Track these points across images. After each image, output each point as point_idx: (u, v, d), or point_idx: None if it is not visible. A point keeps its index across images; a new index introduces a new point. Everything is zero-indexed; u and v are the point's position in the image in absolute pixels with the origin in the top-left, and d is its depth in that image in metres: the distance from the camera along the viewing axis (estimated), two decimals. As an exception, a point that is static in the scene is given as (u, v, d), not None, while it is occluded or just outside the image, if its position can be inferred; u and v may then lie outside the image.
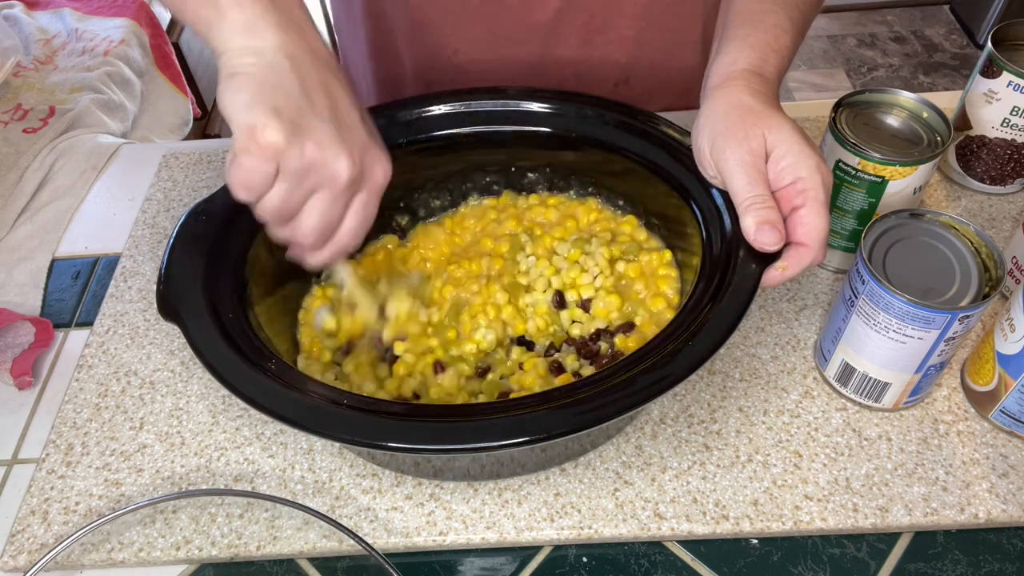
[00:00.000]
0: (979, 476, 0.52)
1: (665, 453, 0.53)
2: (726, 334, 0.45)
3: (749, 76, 0.51)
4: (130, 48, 1.37)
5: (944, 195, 0.70)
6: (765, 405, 0.56)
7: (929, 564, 0.50)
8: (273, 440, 0.56)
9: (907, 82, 2.33)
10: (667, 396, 0.54)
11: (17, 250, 0.73)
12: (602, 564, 0.50)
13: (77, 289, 0.69)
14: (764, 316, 0.61)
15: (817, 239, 0.47)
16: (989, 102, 0.64)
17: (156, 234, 0.71)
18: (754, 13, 0.55)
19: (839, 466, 0.52)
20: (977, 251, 0.50)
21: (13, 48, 1.19)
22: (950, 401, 0.56)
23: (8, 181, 0.80)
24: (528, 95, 0.61)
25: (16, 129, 0.90)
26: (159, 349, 0.62)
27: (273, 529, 0.51)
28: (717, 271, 0.49)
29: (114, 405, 0.59)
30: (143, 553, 0.51)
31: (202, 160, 0.78)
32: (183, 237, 0.53)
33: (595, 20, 0.73)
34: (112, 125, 1.13)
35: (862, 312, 0.50)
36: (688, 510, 0.51)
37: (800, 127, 0.49)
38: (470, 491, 0.52)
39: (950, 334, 0.48)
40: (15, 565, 0.51)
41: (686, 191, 0.55)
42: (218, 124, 1.75)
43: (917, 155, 0.55)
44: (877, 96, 0.59)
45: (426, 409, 0.46)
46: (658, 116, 0.59)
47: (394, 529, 0.51)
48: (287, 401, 0.44)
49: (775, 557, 0.50)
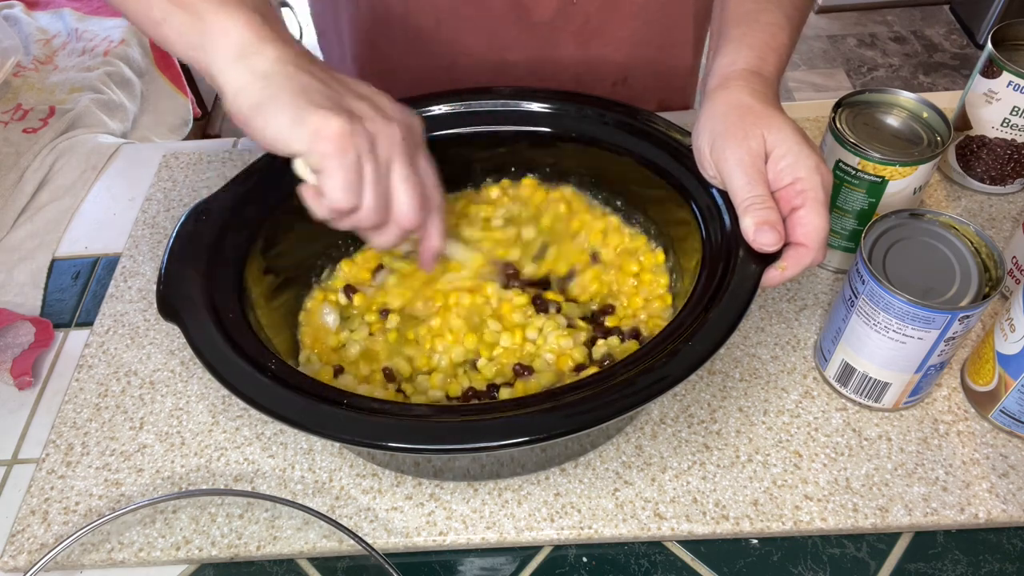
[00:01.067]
0: (979, 476, 0.52)
1: (665, 453, 0.53)
2: (726, 334, 0.45)
3: (748, 76, 0.51)
4: (130, 48, 1.38)
5: (944, 195, 0.70)
6: (765, 405, 0.56)
7: (929, 564, 0.50)
8: (273, 440, 0.56)
9: (907, 82, 2.33)
10: (667, 396, 0.54)
11: (17, 250, 0.73)
12: (602, 564, 0.50)
13: (77, 289, 0.69)
14: (764, 316, 0.61)
15: (817, 239, 0.47)
16: (989, 102, 0.64)
17: (156, 234, 0.71)
18: (750, 12, 0.55)
19: (839, 466, 0.53)
20: (977, 251, 0.50)
21: (13, 48, 1.19)
22: (950, 401, 0.56)
23: (8, 181, 0.80)
24: (528, 95, 0.61)
25: (16, 129, 0.90)
26: (159, 349, 0.62)
27: (273, 529, 0.51)
28: (717, 271, 0.49)
29: (114, 405, 0.59)
30: (143, 553, 0.51)
31: (202, 160, 0.78)
32: (183, 237, 0.53)
33: (591, 23, 0.73)
34: (112, 125, 1.13)
35: (862, 312, 0.50)
36: (688, 510, 0.51)
37: (800, 127, 0.49)
38: (470, 491, 0.52)
39: (950, 334, 0.48)
40: (15, 565, 0.51)
41: (686, 191, 0.55)
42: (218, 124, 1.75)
43: (917, 155, 0.55)
44: (877, 96, 0.59)
45: (426, 409, 0.46)
46: (658, 116, 0.59)
47: (394, 529, 0.51)
48: (287, 401, 0.44)
49: (775, 557, 0.50)
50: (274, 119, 0.42)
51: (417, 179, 0.46)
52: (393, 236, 0.47)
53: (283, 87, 0.42)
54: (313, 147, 0.42)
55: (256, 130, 0.42)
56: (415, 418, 0.44)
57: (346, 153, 0.42)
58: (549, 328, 0.55)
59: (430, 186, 0.48)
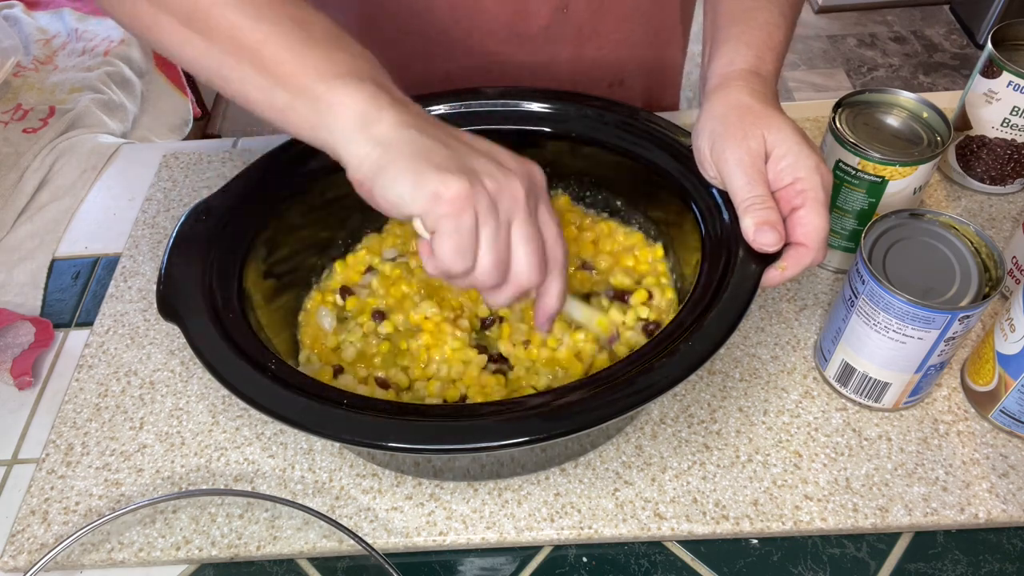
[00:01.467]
0: (979, 476, 0.52)
1: (665, 453, 0.53)
2: (726, 334, 0.45)
3: (747, 76, 0.51)
4: (130, 48, 1.37)
5: (944, 195, 0.70)
6: (765, 405, 0.56)
7: (929, 564, 0.50)
8: (273, 440, 0.56)
9: (907, 82, 2.33)
10: (667, 396, 0.54)
11: (17, 250, 0.73)
12: (602, 564, 0.50)
13: (77, 289, 0.69)
14: (764, 316, 0.61)
15: (817, 239, 0.47)
16: (989, 102, 0.64)
17: (156, 234, 0.71)
18: (746, 11, 0.55)
19: (839, 466, 0.53)
20: (977, 251, 0.50)
21: (13, 48, 1.19)
22: (950, 401, 0.56)
23: (8, 181, 0.80)
24: (527, 95, 0.61)
25: (16, 129, 0.90)
26: (159, 349, 0.62)
27: (273, 529, 0.51)
28: (716, 271, 0.49)
29: (114, 405, 0.59)
30: (143, 553, 0.51)
31: (202, 160, 0.78)
32: (183, 237, 0.53)
33: (585, 28, 0.73)
34: (112, 125, 1.13)
35: (862, 312, 0.50)
36: (688, 510, 0.51)
37: (799, 127, 0.49)
38: (470, 491, 0.52)
39: (950, 334, 0.48)
40: (15, 565, 0.51)
41: (685, 191, 0.55)
42: (218, 124, 1.75)
43: (917, 155, 0.55)
44: (877, 96, 0.59)
45: (426, 409, 0.46)
46: (658, 116, 0.59)
47: (394, 529, 0.51)
48: (287, 401, 0.44)
49: (775, 557, 0.50)
50: (395, 184, 0.41)
51: (538, 237, 0.44)
52: (509, 296, 0.45)
53: (403, 152, 0.41)
54: (431, 209, 0.41)
55: (379, 196, 0.42)
56: (415, 418, 0.44)
57: (461, 216, 0.41)
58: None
59: (551, 241, 0.45)
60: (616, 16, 0.73)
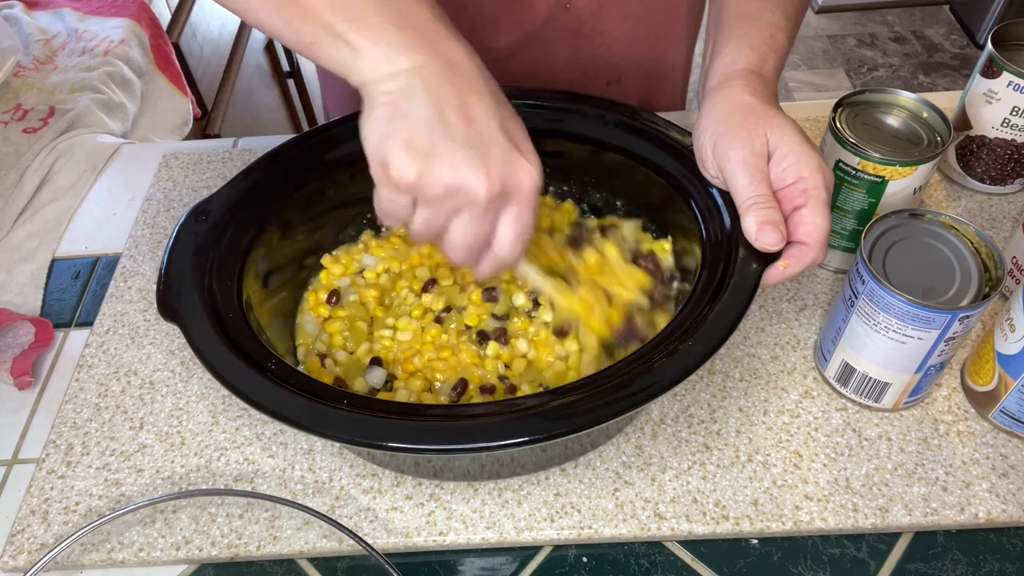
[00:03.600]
0: (979, 476, 0.52)
1: (665, 453, 0.53)
2: (726, 334, 0.45)
3: (749, 76, 0.52)
4: (130, 48, 1.37)
5: (944, 195, 0.70)
6: (765, 405, 0.56)
7: (929, 564, 0.50)
8: (273, 440, 0.56)
9: (907, 82, 2.34)
10: (667, 396, 0.54)
11: (17, 250, 0.73)
12: (602, 564, 0.50)
13: (77, 289, 0.69)
14: (764, 316, 0.61)
15: (818, 239, 0.47)
16: (989, 102, 0.64)
17: (156, 234, 0.71)
18: (750, 12, 0.55)
19: (839, 466, 0.52)
20: (977, 251, 0.50)
21: (13, 48, 1.19)
22: (950, 401, 0.56)
23: (8, 181, 0.80)
24: (526, 95, 0.61)
25: (16, 129, 0.90)
26: (159, 349, 0.62)
27: (273, 529, 0.51)
28: (717, 271, 0.49)
29: (114, 405, 0.59)
30: (143, 553, 0.51)
31: (202, 160, 0.78)
32: (183, 237, 0.53)
33: (585, 26, 0.73)
34: (112, 125, 1.13)
35: (862, 312, 0.50)
36: (688, 510, 0.51)
37: (800, 127, 0.49)
38: (470, 491, 0.52)
39: (950, 334, 0.48)
40: (15, 565, 0.51)
41: (686, 191, 0.55)
42: (218, 124, 1.75)
43: (917, 155, 0.55)
44: (877, 96, 0.59)
45: (426, 409, 0.46)
46: (658, 116, 0.59)
47: (394, 529, 0.51)
48: (287, 401, 0.44)
49: (775, 557, 0.50)
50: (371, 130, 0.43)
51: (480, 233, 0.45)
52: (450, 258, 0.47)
53: (394, 105, 0.42)
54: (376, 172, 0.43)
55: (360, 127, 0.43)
56: (415, 418, 0.44)
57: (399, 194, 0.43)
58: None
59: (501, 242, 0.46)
60: (617, 15, 0.73)
